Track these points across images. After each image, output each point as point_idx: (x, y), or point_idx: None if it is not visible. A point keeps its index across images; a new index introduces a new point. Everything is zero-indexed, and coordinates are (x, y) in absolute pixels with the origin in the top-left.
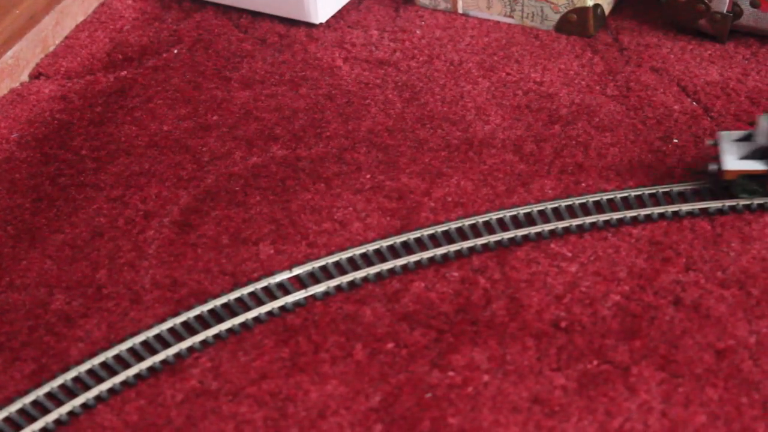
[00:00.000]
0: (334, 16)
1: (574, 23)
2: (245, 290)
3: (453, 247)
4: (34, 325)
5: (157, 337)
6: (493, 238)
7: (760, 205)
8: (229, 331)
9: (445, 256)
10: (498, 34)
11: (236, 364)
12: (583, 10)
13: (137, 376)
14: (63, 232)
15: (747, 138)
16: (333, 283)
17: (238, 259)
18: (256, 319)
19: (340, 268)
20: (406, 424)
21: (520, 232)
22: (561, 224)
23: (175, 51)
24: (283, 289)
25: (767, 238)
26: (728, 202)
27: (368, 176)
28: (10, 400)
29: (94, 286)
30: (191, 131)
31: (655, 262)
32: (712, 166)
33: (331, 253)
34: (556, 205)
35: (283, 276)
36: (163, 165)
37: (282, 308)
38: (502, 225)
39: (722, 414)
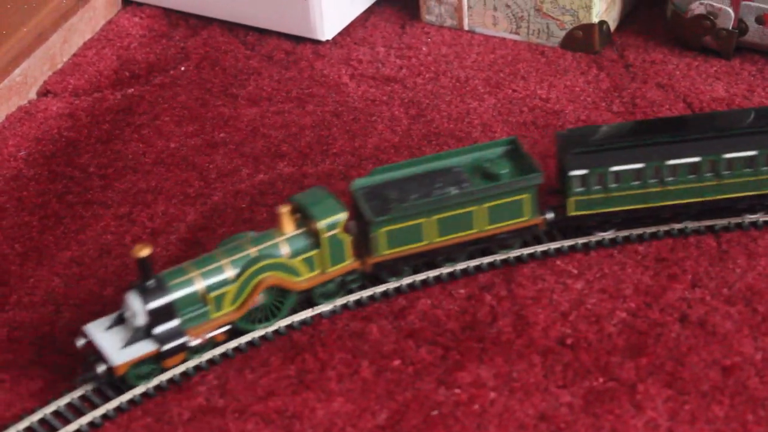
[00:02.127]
0: (340, 33)
1: (579, 40)
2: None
3: (459, 265)
4: (41, 343)
5: None
6: (499, 256)
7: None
8: (236, 349)
9: (451, 274)
10: (504, 51)
11: (243, 381)
12: (588, 27)
13: (144, 394)
14: (70, 250)
15: (119, 321)
16: (339, 301)
17: None
18: (263, 337)
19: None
20: None
21: (526, 250)
22: (567, 242)
23: (182, 68)
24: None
25: None
26: (734, 219)
27: None
28: (17, 418)
29: (101, 303)
30: (198, 148)
31: (661, 279)
32: (100, 367)
33: None
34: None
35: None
36: (170, 182)
37: (289, 326)
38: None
39: (728, 431)
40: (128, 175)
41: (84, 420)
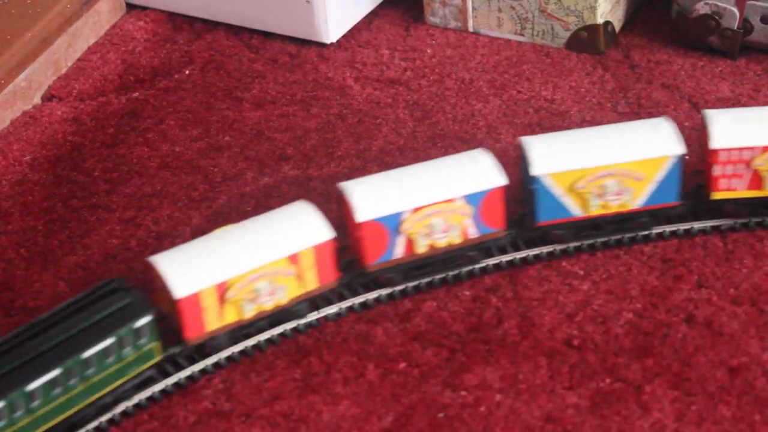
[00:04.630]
0: (344, 36)
1: (584, 41)
2: None
3: (464, 267)
4: None
5: (170, 359)
6: (504, 258)
7: None
8: (242, 352)
9: (456, 276)
10: (509, 52)
11: (248, 385)
12: (593, 28)
13: (150, 398)
14: (76, 254)
15: None
16: (345, 303)
17: None
18: (269, 340)
19: (351, 289)
20: None
21: (532, 251)
22: (572, 243)
23: (187, 72)
24: None
25: None
26: (740, 220)
27: None
28: None
29: None
30: (203, 152)
31: (668, 279)
32: None
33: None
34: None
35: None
36: (175, 186)
37: (294, 329)
38: (514, 245)
39: None
40: (133, 179)
41: (90, 425)
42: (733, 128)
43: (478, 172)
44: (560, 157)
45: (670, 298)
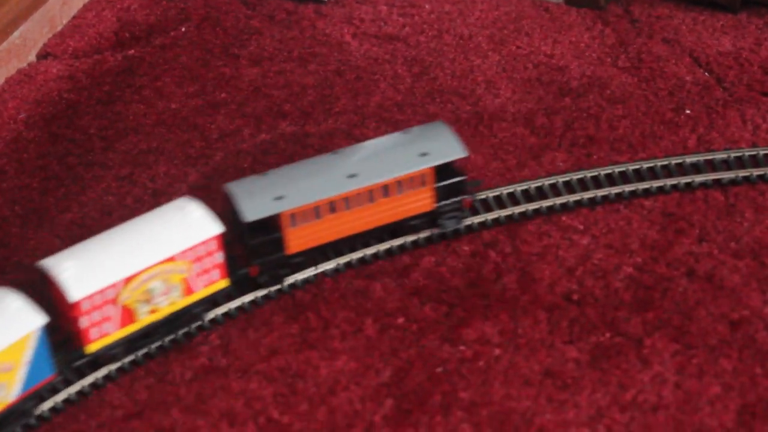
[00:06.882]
0: None
1: None
2: None
3: (463, 222)
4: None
5: None
6: (503, 213)
7: None
8: (239, 308)
9: (455, 231)
10: (508, 8)
11: (246, 341)
12: None
13: (146, 354)
14: (71, 212)
15: None
16: (343, 259)
17: None
18: (266, 296)
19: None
20: (417, 398)
21: (531, 206)
22: (572, 197)
23: (183, 29)
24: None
25: None
26: (741, 173)
27: None
28: None
29: None
30: (199, 109)
31: (668, 233)
32: None
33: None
34: (567, 179)
35: None
36: (172, 143)
37: (291, 285)
38: (513, 199)
39: (736, 385)
40: (129, 136)
41: (86, 381)
42: (84, 271)
43: None
44: None
45: (670, 252)
